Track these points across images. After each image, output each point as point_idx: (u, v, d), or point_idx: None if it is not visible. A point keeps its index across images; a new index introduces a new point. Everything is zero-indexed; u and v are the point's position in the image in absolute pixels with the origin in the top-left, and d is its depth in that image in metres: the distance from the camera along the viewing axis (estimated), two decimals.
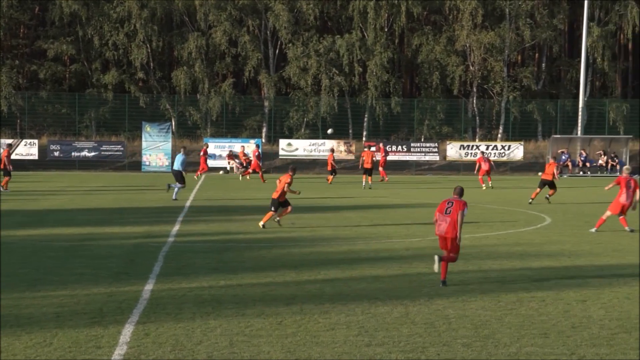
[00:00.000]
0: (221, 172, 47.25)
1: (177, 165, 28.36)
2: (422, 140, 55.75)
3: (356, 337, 9.41)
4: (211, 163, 50.55)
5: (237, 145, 49.86)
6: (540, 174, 30.20)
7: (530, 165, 53.17)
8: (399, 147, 52.12)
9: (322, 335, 9.48)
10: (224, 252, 16.30)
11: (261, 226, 20.06)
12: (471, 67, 57.47)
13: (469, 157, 51.89)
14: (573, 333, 9.76)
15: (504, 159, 51.99)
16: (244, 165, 45.78)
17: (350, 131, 57.52)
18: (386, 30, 57.33)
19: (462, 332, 9.72)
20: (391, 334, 9.60)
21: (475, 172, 38.36)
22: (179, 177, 28.04)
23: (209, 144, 46.69)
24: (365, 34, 56.82)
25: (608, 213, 20.10)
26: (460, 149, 52.28)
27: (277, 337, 9.37)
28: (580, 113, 54.27)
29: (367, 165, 36.61)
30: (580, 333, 9.76)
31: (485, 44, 55.91)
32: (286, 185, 20.27)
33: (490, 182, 36.94)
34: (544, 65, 61.78)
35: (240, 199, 29.70)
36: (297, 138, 54.36)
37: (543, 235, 19.51)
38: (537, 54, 63.96)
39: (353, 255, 15.97)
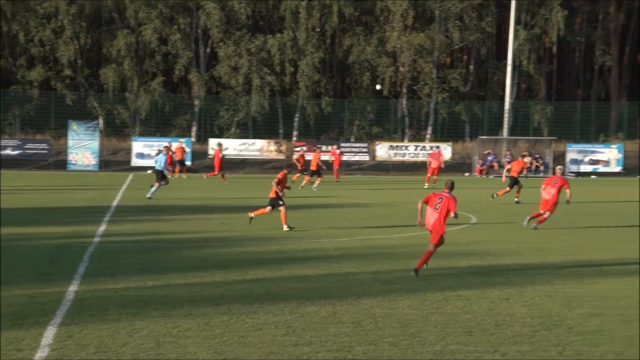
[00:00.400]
0: (149, 171, 46.60)
1: (158, 165, 29.55)
2: (352, 140, 56.12)
3: (284, 337, 9.42)
4: (140, 162, 49.89)
5: (164, 144, 48.99)
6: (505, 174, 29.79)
7: (458, 165, 54.00)
8: (329, 147, 52.31)
9: (250, 336, 9.47)
10: (152, 252, 16.11)
11: (286, 229, 19.70)
12: (401, 68, 58.08)
13: (398, 158, 52.55)
14: (496, 331, 9.96)
15: None
16: (173, 163, 45.12)
17: (280, 131, 57.48)
18: (318, 30, 57.49)
19: (389, 331, 9.82)
20: (318, 333, 9.64)
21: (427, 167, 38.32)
22: (159, 175, 29.01)
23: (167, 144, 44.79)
24: (297, 34, 56.85)
25: (546, 214, 20.98)
26: (389, 149, 52.82)
27: (204, 338, 9.32)
28: (506, 115, 55.45)
29: (312, 168, 37.24)
30: (503, 331, 9.97)
31: (415, 46, 56.56)
32: (275, 182, 20.07)
33: (434, 183, 36.89)
34: (472, 67, 62.84)
35: (169, 198, 29.38)
36: (227, 137, 54.04)
37: (469, 234, 19.86)
38: (465, 56, 65.05)
39: (282, 255, 15.98)
